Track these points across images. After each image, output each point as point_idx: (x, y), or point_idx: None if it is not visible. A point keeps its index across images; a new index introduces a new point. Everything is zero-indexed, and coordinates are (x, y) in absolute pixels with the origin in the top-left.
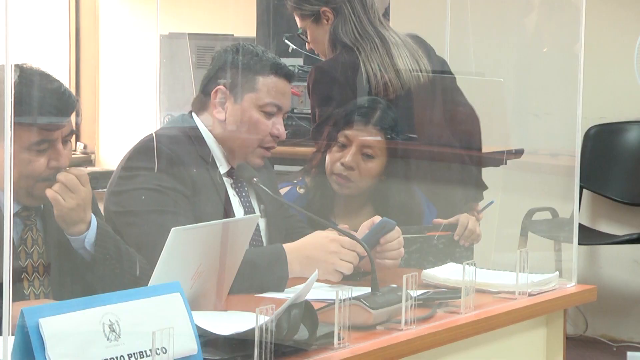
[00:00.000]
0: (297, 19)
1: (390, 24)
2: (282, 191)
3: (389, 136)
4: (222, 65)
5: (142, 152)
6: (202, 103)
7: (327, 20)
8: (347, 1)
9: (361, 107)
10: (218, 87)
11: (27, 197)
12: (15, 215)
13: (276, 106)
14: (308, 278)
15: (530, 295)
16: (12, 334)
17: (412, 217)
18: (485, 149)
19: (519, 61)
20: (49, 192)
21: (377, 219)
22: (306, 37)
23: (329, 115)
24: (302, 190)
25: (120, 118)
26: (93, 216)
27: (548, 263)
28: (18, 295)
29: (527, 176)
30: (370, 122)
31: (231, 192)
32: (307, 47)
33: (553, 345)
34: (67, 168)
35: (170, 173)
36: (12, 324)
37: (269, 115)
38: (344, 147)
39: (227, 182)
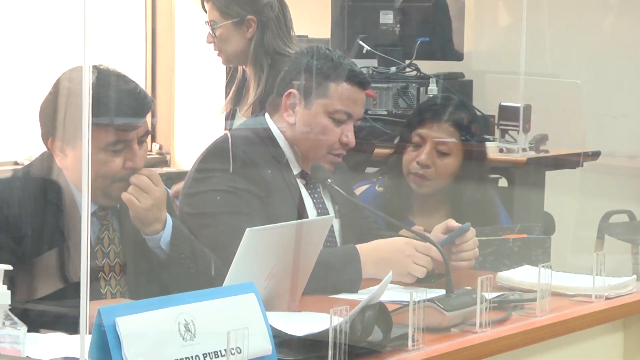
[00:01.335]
0: (211, 12)
1: (465, 26)
2: (360, 189)
3: (463, 133)
4: (296, 68)
5: (216, 153)
6: (275, 104)
7: (248, 29)
8: (275, 16)
9: (433, 104)
10: (290, 90)
11: (103, 197)
12: (92, 215)
13: (346, 114)
14: (381, 279)
15: (607, 298)
16: (89, 333)
17: (487, 218)
18: (562, 151)
19: (595, 62)
20: (124, 195)
21: (451, 222)
22: (213, 31)
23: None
24: (380, 189)
25: (196, 119)
26: (168, 216)
27: (625, 266)
28: (95, 295)
29: (603, 178)
30: (443, 119)
31: (304, 193)
32: (207, 39)
33: (630, 350)
34: (141, 169)
35: (244, 174)
36: (89, 323)
37: (338, 122)
38: (418, 146)
39: (300, 183)
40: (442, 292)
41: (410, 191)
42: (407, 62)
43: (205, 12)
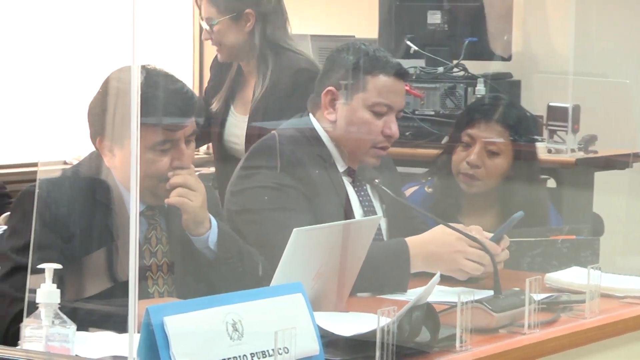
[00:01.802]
0: (207, 8)
1: (514, 25)
2: (410, 190)
3: (513, 133)
4: (333, 66)
5: (261, 151)
6: (316, 103)
7: (247, 23)
8: (273, 8)
9: (483, 104)
10: (328, 88)
11: (151, 196)
12: (140, 214)
13: (386, 106)
14: (431, 273)
15: None
16: (138, 332)
17: (536, 219)
18: (611, 151)
19: None
20: (173, 199)
21: (474, 228)
22: (210, 28)
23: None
24: (430, 190)
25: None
26: (211, 216)
27: None
28: (143, 294)
29: None
30: (492, 119)
31: (351, 192)
32: (204, 36)
33: None
34: (181, 169)
35: (289, 172)
36: (137, 322)
37: (379, 115)
38: (468, 146)
39: (347, 181)
40: (490, 293)
41: (460, 192)
42: (455, 62)
43: (199, 8)
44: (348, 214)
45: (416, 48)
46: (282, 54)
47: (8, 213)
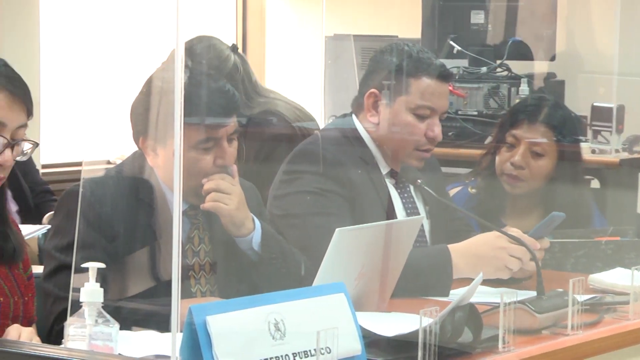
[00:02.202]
0: None
1: (557, 25)
2: (453, 191)
3: (557, 134)
4: (376, 67)
5: (303, 155)
6: (359, 105)
7: None
8: (241, 78)
9: (528, 105)
10: (371, 90)
11: (194, 195)
12: (183, 214)
13: (429, 108)
14: (475, 278)
15: None
16: (181, 331)
17: (580, 220)
18: None
19: None
20: (208, 205)
21: (513, 230)
22: None
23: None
24: (473, 191)
25: None
26: (254, 217)
27: None
28: (185, 293)
29: None
30: (537, 120)
31: (394, 194)
32: None
33: None
34: (212, 175)
35: (331, 175)
36: (180, 321)
37: (422, 117)
38: (512, 146)
39: (389, 183)
40: (533, 293)
41: (503, 193)
42: (498, 62)
43: None
44: (391, 215)
45: (459, 48)
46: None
47: (52, 212)
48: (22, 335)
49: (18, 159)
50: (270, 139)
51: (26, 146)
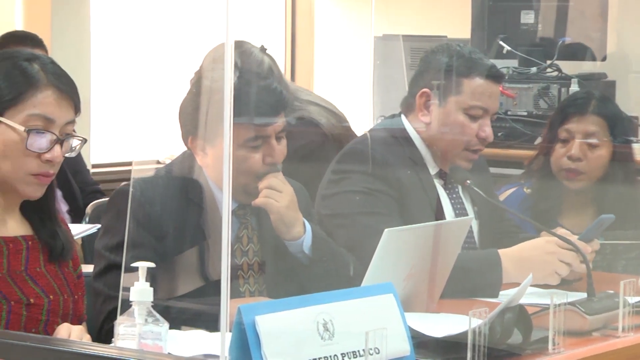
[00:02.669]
0: None
1: (608, 25)
2: (508, 192)
3: (609, 123)
4: (427, 67)
5: (351, 155)
6: (409, 105)
7: None
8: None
9: (577, 99)
10: (423, 89)
11: (243, 194)
12: (232, 213)
13: (482, 109)
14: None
15: None
16: (230, 331)
17: (632, 222)
18: None
19: None
20: (259, 200)
21: (563, 232)
22: None
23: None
24: (529, 191)
25: None
26: (305, 220)
27: None
28: (234, 293)
29: None
30: (587, 112)
31: (442, 194)
32: None
33: None
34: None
35: (379, 175)
36: (229, 321)
37: (474, 118)
38: (566, 141)
39: (438, 183)
40: (583, 295)
41: (559, 192)
42: (549, 62)
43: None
44: (439, 216)
45: (509, 48)
46: None
47: (95, 202)
48: (73, 333)
49: (67, 155)
50: (303, 146)
51: (75, 142)
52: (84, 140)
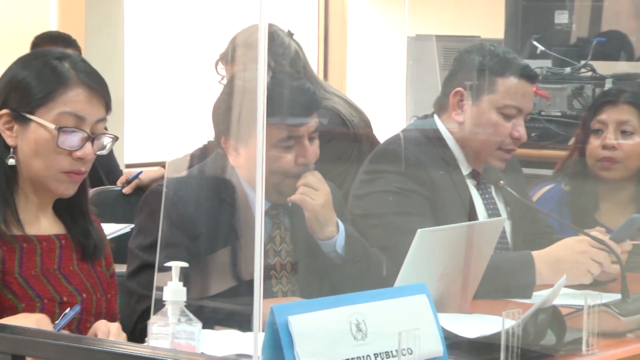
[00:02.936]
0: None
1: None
2: (545, 189)
3: None
4: (461, 67)
5: (384, 155)
6: (442, 105)
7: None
8: (302, 65)
9: (608, 92)
10: (457, 88)
11: (275, 193)
12: (265, 213)
13: (516, 108)
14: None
15: None
16: (262, 331)
17: None
18: None
19: None
20: (296, 197)
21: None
22: None
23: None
24: (567, 188)
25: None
26: (338, 220)
27: None
28: (267, 293)
29: None
30: (620, 100)
31: (475, 194)
32: None
33: None
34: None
35: (412, 175)
36: (262, 321)
37: (508, 117)
38: (599, 132)
39: (471, 183)
40: (617, 296)
41: (596, 189)
42: (583, 62)
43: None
44: (472, 216)
45: (543, 48)
46: None
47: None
48: (111, 330)
49: (98, 152)
50: (329, 138)
51: (106, 140)
52: (115, 138)
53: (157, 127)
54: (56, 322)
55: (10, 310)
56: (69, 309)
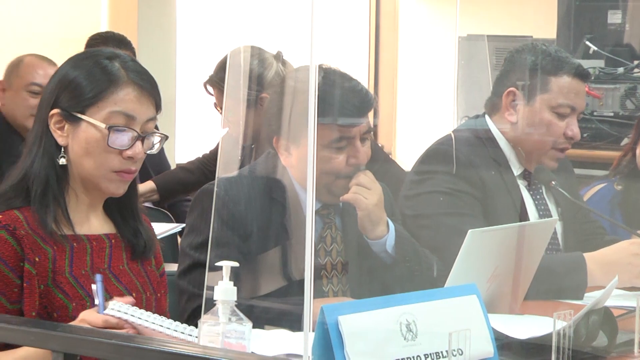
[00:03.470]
0: (220, 98)
1: None
2: (597, 188)
3: None
4: (513, 67)
5: (435, 155)
6: (494, 105)
7: (262, 105)
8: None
9: None
10: (510, 88)
11: (326, 194)
12: (316, 213)
13: (570, 107)
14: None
15: None
16: (312, 330)
17: None
18: None
19: None
20: (349, 196)
21: None
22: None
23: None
24: (619, 187)
25: (418, 119)
26: (389, 220)
27: None
28: (317, 293)
29: None
30: None
31: (526, 195)
32: (223, 125)
33: None
34: (364, 166)
35: (462, 175)
36: (312, 321)
37: (562, 116)
38: None
39: (522, 184)
40: None
41: None
42: (636, 62)
43: (210, 94)
44: (523, 217)
45: (595, 48)
46: None
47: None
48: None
49: (148, 152)
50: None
51: (156, 139)
52: (165, 137)
53: (208, 127)
54: (95, 303)
55: (60, 309)
56: (92, 285)
